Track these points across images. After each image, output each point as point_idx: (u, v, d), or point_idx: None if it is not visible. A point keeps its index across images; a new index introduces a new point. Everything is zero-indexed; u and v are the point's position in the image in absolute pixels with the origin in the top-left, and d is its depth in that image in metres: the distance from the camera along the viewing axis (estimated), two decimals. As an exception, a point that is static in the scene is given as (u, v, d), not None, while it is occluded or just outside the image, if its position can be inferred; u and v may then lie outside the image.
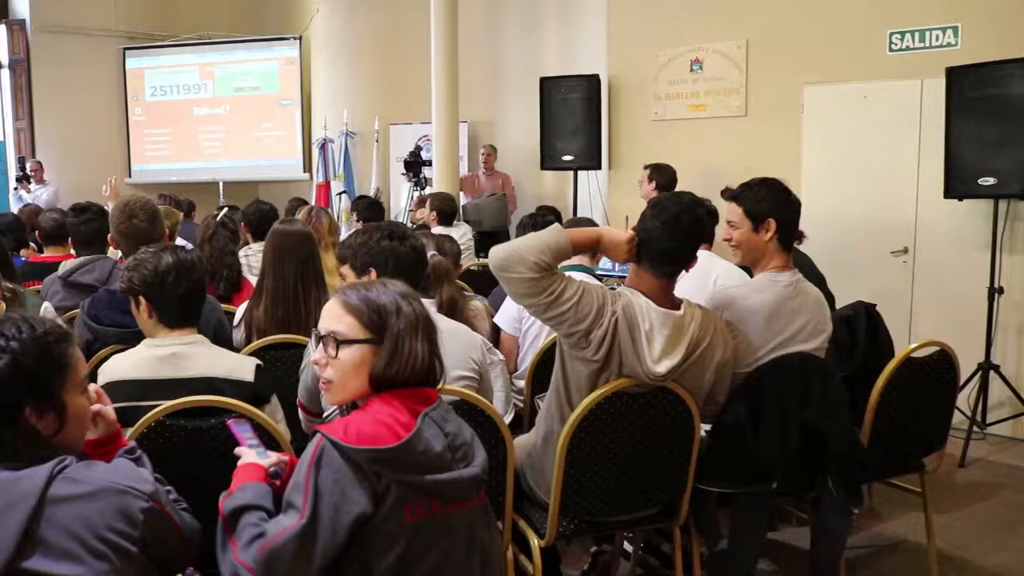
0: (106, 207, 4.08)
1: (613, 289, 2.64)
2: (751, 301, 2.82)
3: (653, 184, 5.84)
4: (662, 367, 2.51)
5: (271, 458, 1.89)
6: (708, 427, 2.83)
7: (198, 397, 2.21)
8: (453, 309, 3.07)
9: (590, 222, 4.14)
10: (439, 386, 1.88)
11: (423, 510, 1.71)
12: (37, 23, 10.99)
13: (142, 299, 2.41)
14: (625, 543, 3.49)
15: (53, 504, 1.47)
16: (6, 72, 11.40)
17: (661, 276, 2.60)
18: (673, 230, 2.56)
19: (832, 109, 6.13)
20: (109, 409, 1.88)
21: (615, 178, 7.66)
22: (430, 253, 2.91)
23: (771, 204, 2.86)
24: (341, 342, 1.80)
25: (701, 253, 2.75)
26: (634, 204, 2.78)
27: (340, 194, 10.25)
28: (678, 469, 2.71)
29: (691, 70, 7.03)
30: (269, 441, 2.15)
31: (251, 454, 1.88)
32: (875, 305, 3.39)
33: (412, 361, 1.79)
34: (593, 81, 7.44)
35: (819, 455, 2.76)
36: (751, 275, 3.02)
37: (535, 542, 2.66)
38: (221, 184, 11.20)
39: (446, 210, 6.54)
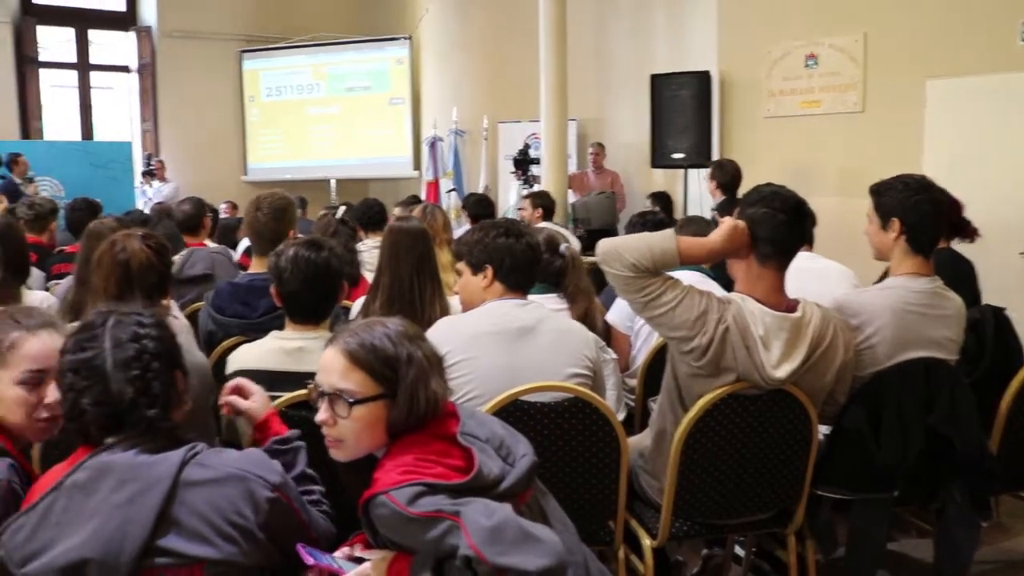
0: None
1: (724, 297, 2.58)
2: (875, 306, 2.72)
3: (714, 183, 5.76)
4: (782, 372, 2.45)
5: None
6: (827, 429, 2.75)
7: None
8: (585, 299, 3.08)
9: (703, 221, 4.07)
10: (549, 383, 1.88)
11: None
12: (163, 29, 11.51)
13: (274, 290, 2.51)
14: (737, 547, 3.43)
15: (185, 487, 1.54)
16: (134, 76, 11.96)
17: (771, 268, 2.51)
18: (776, 212, 2.46)
19: (958, 104, 5.90)
20: (237, 400, 1.95)
21: (726, 176, 7.53)
22: (563, 246, 2.92)
23: (898, 203, 2.74)
24: (354, 403, 1.69)
25: (802, 254, 2.65)
26: None
27: (449, 192, 10.37)
28: (794, 473, 2.65)
29: (805, 65, 6.87)
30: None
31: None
32: (1003, 309, 3.24)
33: (431, 405, 1.70)
34: (703, 78, 7.34)
35: (945, 463, 2.66)
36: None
37: (647, 542, 2.64)
38: (333, 182, 11.49)
39: (550, 207, 6.55)
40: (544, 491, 1.86)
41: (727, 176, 5.79)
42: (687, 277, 2.61)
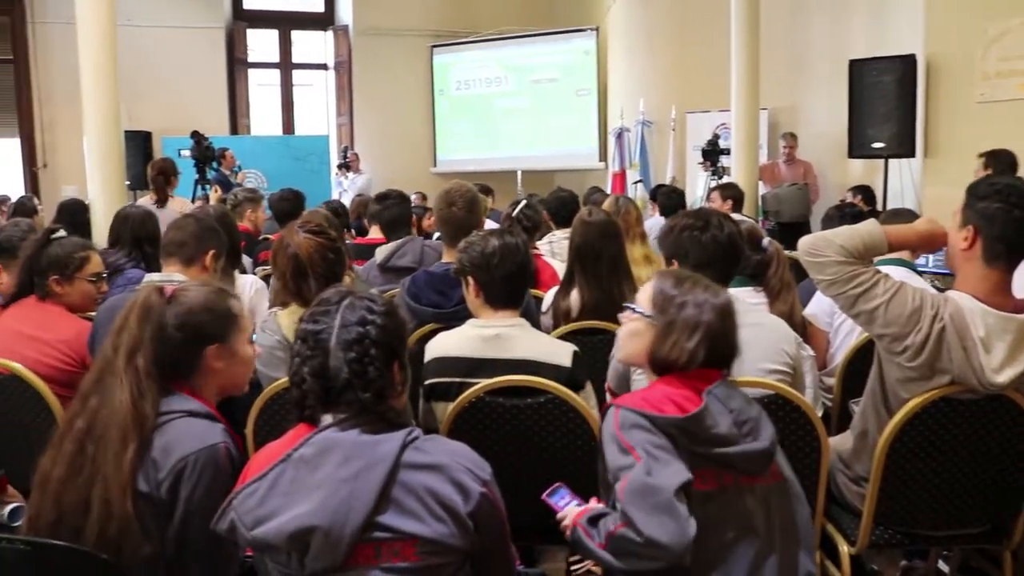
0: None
1: (941, 291, 2.42)
2: None
3: (990, 172, 5.30)
4: (1003, 376, 2.26)
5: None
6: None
7: (518, 376, 2.31)
8: (789, 294, 3.01)
9: (911, 214, 3.83)
10: (746, 379, 1.89)
11: (714, 481, 1.80)
12: (358, 27, 12.01)
13: (471, 279, 2.55)
14: (940, 561, 3.23)
15: (404, 469, 1.60)
16: (332, 73, 12.57)
17: (996, 269, 2.32)
18: (1012, 208, 2.26)
19: None
20: None
21: (931, 166, 7.10)
22: (765, 239, 2.84)
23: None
24: (627, 308, 2.03)
25: None
26: (951, 194, 2.50)
27: (636, 183, 10.30)
28: (1012, 485, 2.45)
29: (1029, 43, 6.35)
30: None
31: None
32: None
33: (677, 355, 1.90)
34: (908, 62, 6.95)
35: None
36: None
37: (844, 549, 2.53)
38: (519, 173, 11.64)
39: (740, 198, 6.37)
40: (802, 499, 1.96)
41: (1002, 165, 5.35)
42: (896, 273, 2.47)
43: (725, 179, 7.71)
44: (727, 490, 1.81)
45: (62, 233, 3.06)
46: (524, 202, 4.39)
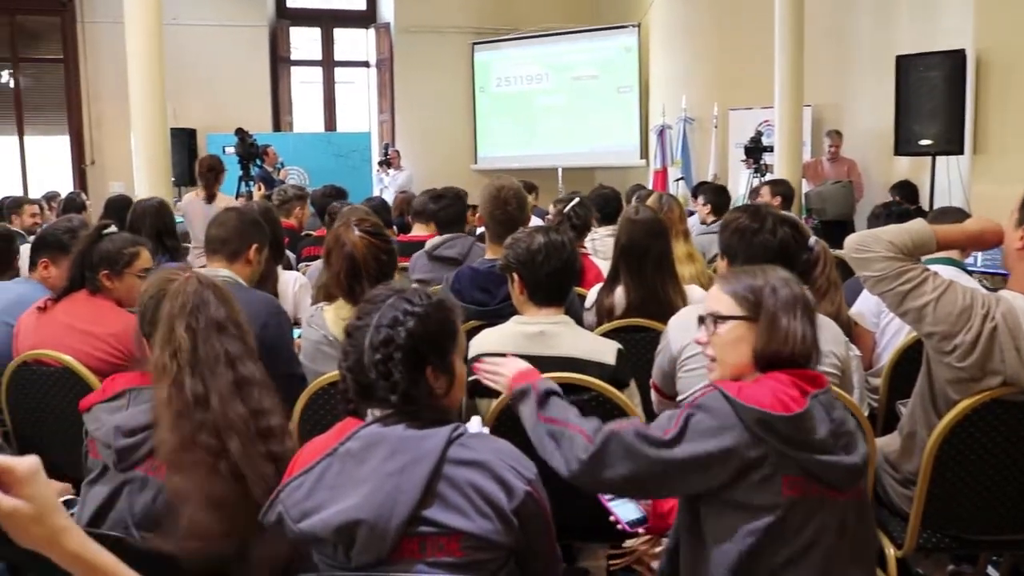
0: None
1: (991, 291, 2.37)
2: None
3: None
4: (1058, 378, 2.22)
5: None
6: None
7: (562, 374, 2.30)
8: (836, 294, 2.98)
9: (960, 212, 3.77)
10: None
11: (800, 489, 1.73)
12: (400, 25, 12.08)
13: (515, 275, 2.54)
14: (990, 567, 3.18)
15: (450, 464, 1.61)
16: (373, 71, 12.65)
17: None
18: None
19: None
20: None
21: (980, 164, 6.96)
22: (812, 238, 2.81)
23: None
24: (718, 318, 1.90)
25: None
26: (1000, 192, 2.44)
27: (678, 180, 10.25)
28: (1067, 490, 2.41)
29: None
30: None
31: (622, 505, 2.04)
32: None
33: (792, 338, 1.82)
34: (957, 57, 6.83)
35: None
36: None
37: (891, 552, 2.49)
38: (560, 170, 11.62)
39: (789, 195, 6.31)
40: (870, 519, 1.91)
41: None
42: (945, 272, 2.43)
43: (769, 176, 7.64)
44: (809, 501, 1.74)
45: (113, 229, 3.11)
46: (577, 200, 4.37)
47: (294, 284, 3.71)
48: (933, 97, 6.96)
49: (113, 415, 2.01)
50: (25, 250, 3.96)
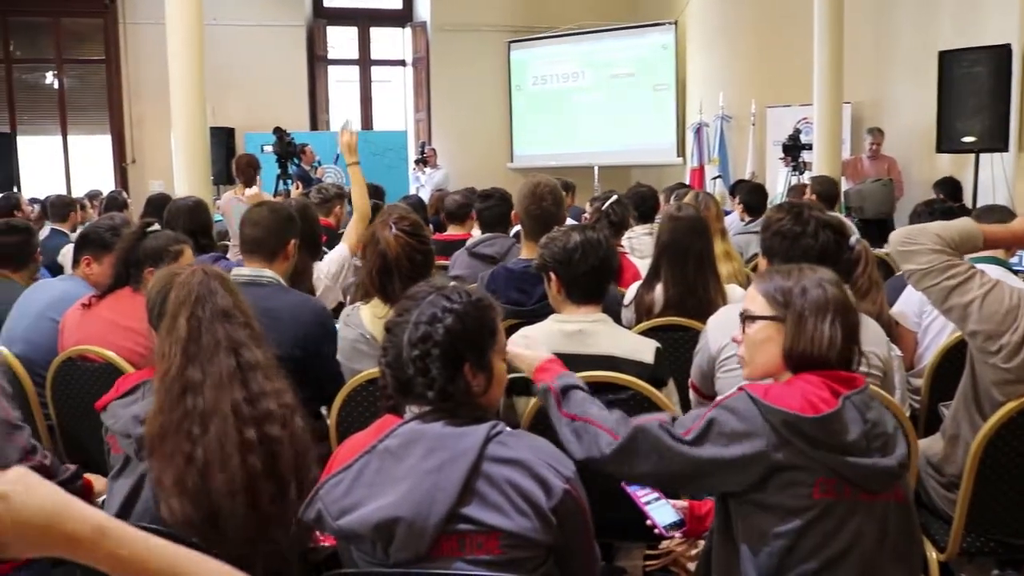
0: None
1: None
2: None
3: None
4: (1107, 380, 2.18)
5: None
6: None
7: (600, 372, 2.30)
8: (877, 293, 2.95)
9: (1006, 211, 3.70)
10: None
11: (832, 491, 1.70)
12: (436, 24, 12.11)
13: (552, 274, 2.53)
14: (1035, 571, 3.12)
15: (488, 462, 1.61)
16: (410, 69, 12.70)
17: None
18: None
19: None
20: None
21: (1024, 161, 6.87)
22: (853, 237, 2.78)
23: None
24: (748, 318, 1.90)
25: None
26: None
27: (715, 179, 10.19)
28: (1117, 495, 2.37)
29: None
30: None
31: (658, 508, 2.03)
32: None
33: (819, 340, 1.79)
34: (1003, 52, 6.72)
35: None
36: None
37: (933, 556, 2.45)
38: (596, 168, 11.59)
39: (831, 194, 6.24)
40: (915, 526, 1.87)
41: None
42: (992, 271, 2.39)
43: (808, 175, 7.58)
44: (844, 504, 1.71)
45: (157, 227, 3.14)
46: (615, 197, 4.35)
47: (326, 265, 3.69)
48: (977, 93, 6.87)
49: (128, 408, 2.07)
50: (69, 248, 4.02)
